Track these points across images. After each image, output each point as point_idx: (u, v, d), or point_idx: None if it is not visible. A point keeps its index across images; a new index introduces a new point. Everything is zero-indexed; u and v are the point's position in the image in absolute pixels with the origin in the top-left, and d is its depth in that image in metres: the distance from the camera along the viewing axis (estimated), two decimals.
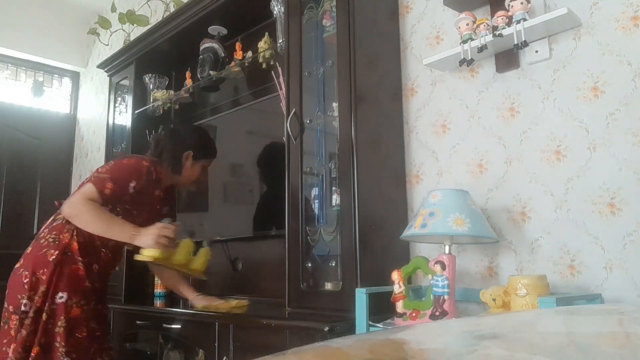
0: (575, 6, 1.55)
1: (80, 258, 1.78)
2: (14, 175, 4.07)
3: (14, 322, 1.71)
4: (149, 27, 2.99)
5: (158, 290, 2.62)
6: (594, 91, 1.52)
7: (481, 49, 1.61)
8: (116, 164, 1.90)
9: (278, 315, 1.76)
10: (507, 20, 1.58)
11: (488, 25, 1.63)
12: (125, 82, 3.12)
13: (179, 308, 2.17)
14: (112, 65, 3.21)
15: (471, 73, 1.82)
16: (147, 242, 1.77)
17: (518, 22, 1.53)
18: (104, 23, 3.55)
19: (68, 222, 1.80)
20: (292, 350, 0.50)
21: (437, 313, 1.39)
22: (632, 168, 1.43)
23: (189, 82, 2.74)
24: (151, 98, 2.91)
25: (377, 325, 1.49)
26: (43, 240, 1.79)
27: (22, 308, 1.70)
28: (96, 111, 4.24)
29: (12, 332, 1.71)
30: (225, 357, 1.78)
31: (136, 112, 2.95)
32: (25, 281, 1.72)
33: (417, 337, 0.59)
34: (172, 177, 2.04)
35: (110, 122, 3.21)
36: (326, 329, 1.48)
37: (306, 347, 0.52)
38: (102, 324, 1.88)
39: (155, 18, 3.31)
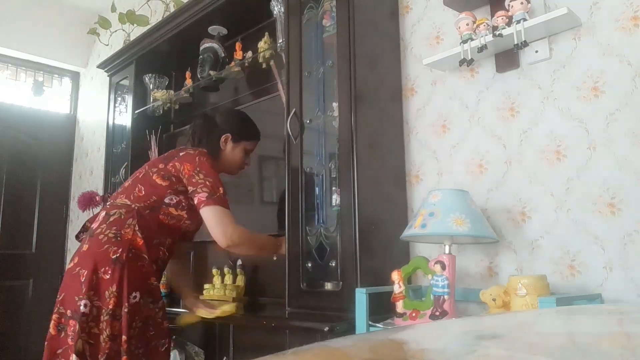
0: (575, 6, 1.54)
1: (145, 255, 1.64)
2: (14, 175, 4.07)
3: (72, 328, 1.54)
4: (149, 27, 2.98)
5: None
6: (594, 91, 1.52)
7: (481, 49, 1.61)
8: (204, 168, 1.76)
9: (278, 315, 1.76)
10: (507, 20, 1.58)
11: (488, 25, 1.63)
12: (125, 82, 3.12)
13: (179, 308, 2.16)
14: (112, 65, 3.21)
15: (471, 73, 1.82)
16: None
17: (518, 22, 1.53)
18: (104, 23, 3.55)
19: (128, 216, 1.66)
20: (292, 350, 0.50)
21: (437, 313, 1.39)
22: (632, 168, 1.43)
23: (189, 82, 2.74)
24: (151, 98, 2.91)
25: (377, 325, 1.49)
26: (102, 236, 1.61)
27: (82, 309, 1.52)
28: (96, 111, 4.24)
29: (70, 340, 1.53)
30: (225, 357, 1.78)
31: (136, 112, 2.95)
32: (82, 280, 1.55)
33: (417, 337, 0.59)
34: (215, 165, 1.87)
35: (110, 122, 3.21)
36: (326, 329, 1.48)
37: (306, 347, 0.52)
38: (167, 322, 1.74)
39: (155, 18, 3.30)
